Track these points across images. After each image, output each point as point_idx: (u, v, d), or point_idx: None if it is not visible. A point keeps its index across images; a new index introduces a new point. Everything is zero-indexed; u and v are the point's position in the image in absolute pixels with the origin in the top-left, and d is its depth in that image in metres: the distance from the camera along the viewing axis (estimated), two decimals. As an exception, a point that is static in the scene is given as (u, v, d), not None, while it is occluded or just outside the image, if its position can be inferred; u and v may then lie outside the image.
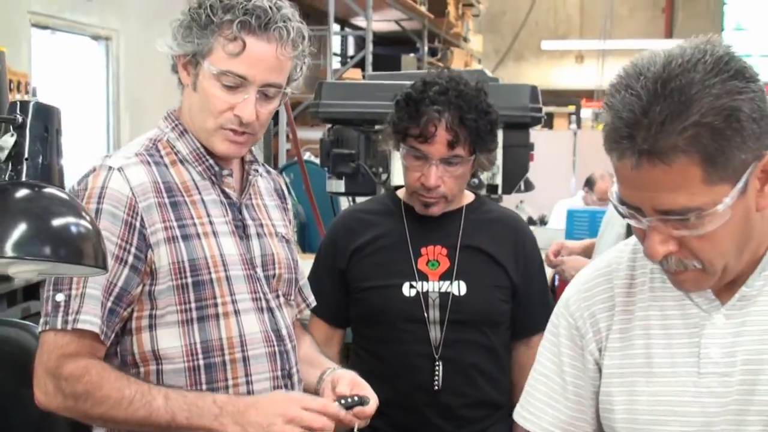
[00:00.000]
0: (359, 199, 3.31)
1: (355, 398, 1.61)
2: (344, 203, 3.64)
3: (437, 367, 2.06)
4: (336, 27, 9.99)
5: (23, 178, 0.95)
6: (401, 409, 2.08)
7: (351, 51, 12.16)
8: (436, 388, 2.06)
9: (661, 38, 16.28)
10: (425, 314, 2.07)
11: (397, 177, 2.89)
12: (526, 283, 2.17)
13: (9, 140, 1.00)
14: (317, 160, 4.56)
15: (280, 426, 1.47)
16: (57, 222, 0.89)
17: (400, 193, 2.24)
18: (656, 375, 1.28)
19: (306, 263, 2.01)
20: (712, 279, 1.19)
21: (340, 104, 2.95)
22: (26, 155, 0.95)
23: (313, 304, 1.94)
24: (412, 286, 2.09)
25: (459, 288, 2.09)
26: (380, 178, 2.94)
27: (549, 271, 2.88)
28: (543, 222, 6.78)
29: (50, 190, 0.92)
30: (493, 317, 2.14)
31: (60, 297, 1.51)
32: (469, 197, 2.21)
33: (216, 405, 1.50)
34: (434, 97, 2.01)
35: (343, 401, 1.59)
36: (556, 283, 4.12)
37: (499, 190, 2.87)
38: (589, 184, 6.54)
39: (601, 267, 1.39)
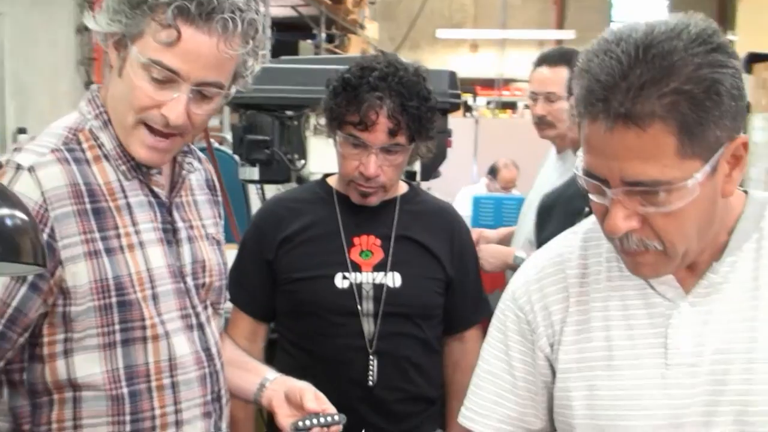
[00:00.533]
0: (269, 188, 3.23)
1: (331, 418, 1.52)
2: (252, 192, 3.54)
3: (371, 362, 2.00)
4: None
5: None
6: (333, 405, 2.01)
7: (247, 36, 11.90)
8: (371, 383, 2.00)
9: (553, 29, 16.64)
10: (358, 306, 2.00)
11: (314, 164, 2.81)
12: (461, 275, 2.12)
13: None
14: (221, 147, 4.44)
15: None
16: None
17: (331, 181, 2.15)
18: (618, 368, 1.24)
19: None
20: (671, 263, 1.16)
21: (252, 89, 2.84)
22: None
23: (229, 306, 1.83)
24: (345, 278, 2.02)
25: (394, 279, 2.03)
26: (296, 165, 2.85)
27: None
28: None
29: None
30: (428, 309, 2.08)
31: None
32: (403, 187, 2.15)
33: None
34: (374, 83, 1.93)
35: (315, 420, 1.50)
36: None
37: (418, 177, 2.82)
38: (493, 172, 6.60)
39: (552, 256, 1.34)
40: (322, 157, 2.77)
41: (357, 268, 2.03)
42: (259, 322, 2.11)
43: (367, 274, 2.03)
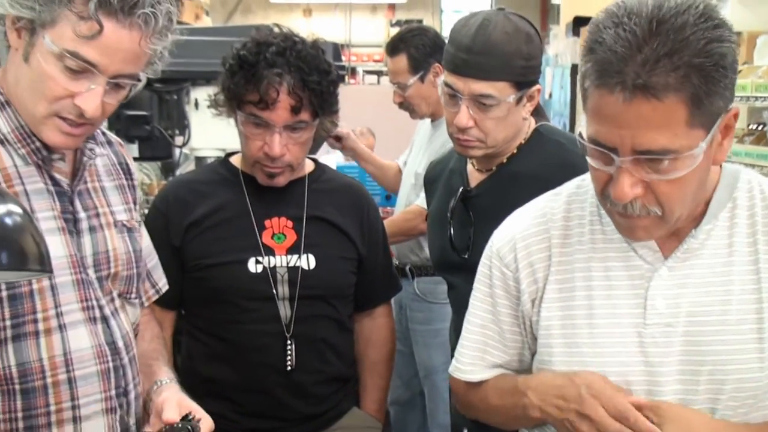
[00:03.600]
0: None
1: (187, 425, 1.41)
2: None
3: (289, 346, 1.97)
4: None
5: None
6: (250, 392, 1.98)
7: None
8: (290, 367, 1.97)
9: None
10: (274, 291, 1.96)
11: (197, 140, 2.74)
12: (372, 253, 2.12)
13: None
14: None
15: None
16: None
17: (235, 161, 2.08)
18: (598, 326, 1.31)
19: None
20: (665, 227, 1.24)
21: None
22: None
23: (165, 288, 1.75)
24: (258, 262, 1.96)
25: (308, 261, 1.99)
26: (175, 141, 2.76)
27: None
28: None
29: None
30: (343, 290, 2.08)
31: None
32: (309, 165, 2.11)
33: None
34: (272, 59, 1.86)
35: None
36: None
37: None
38: (349, 139, 6.59)
39: (536, 216, 1.41)
40: (204, 132, 2.70)
41: (270, 251, 1.98)
42: (166, 311, 2.01)
43: (281, 257, 1.98)
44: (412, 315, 3.30)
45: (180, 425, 1.41)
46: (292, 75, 1.87)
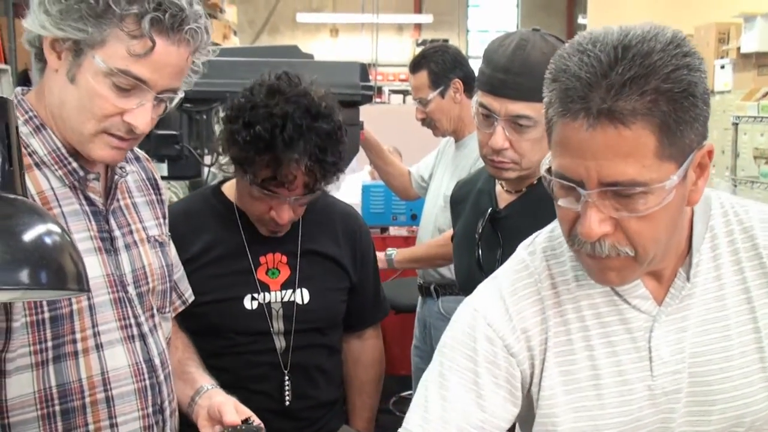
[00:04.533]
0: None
1: (251, 426, 1.47)
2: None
3: (286, 379, 1.98)
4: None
5: (-16, 190, 0.75)
6: None
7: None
8: (288, 401, 1.98)
9: (411, 13, 16.85)
10: (269, 325, 1.97)
11: (225, 159, 2.76)
12: (362, 278, 2.13)
13: None
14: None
15: None
16: (35, 242, 0.73)
17: (228, 193, 2.05)
18: (606, 386, 1.24)
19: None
20: (639, 269, 1.17)
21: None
22: (-15, 163, 0.76)
23: (191, 299, 1.78)
24: (254, 298, 1.97)
25: (302, 296, 2.00)
26: (204, 160, 2.79)
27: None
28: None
29: (22, 202, 0.75)
30: (336, 319, 2.09)
31: None
32: None
33: None
34: (289, 140, 1.78)
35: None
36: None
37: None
38: (376, 159, 6.60)
39: (523, 277, 1.29)
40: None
41: (266, 287, 1.99)
42: None
43: (276, 293, 1.99)
44: (436, 334, 3.30)
45: (243, 427, 1.45)
46: (310, 158, 1.82)
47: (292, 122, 1.79)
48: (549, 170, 1.14)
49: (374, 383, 2.25)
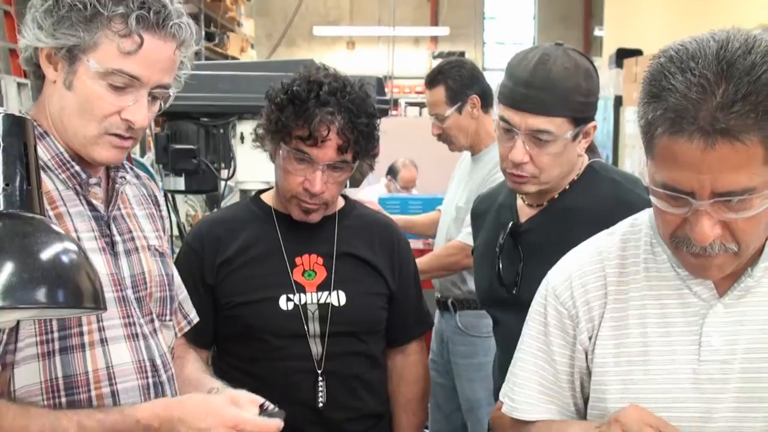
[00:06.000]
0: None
1: (274, 409, 1.49)
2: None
3: (320, 383, 1.96)
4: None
5: (2, 208, 0.75)
6: (283, 429, 1.97)
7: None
8: (321, 405, 1.96)
9: (428, 25, 16.88)
10: (305, 328, 1.96)
11: (242, 173, 2.76)
12: (403, 289, 2.11)
13: None
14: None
15: None
16: (52, 261, 0.72)
17: (267, 199, 2.09)
18: (653, 363, 1.31)
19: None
20: (737, 263, 1.24)
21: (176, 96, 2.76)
22: (4, 180, 0.76)
23: (196, 320, 1.77)
24: (289, 299, 1.96)
25: (339, 298, 1.99)
26: (221, 174, 2.79)
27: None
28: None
29: (40, 221, 0.75)
30: (374, 325, 2.07)
31: None
32: (340, 202, 2.11)
33: (141, 426, 1.35)
34: (324, 98, 1.88)
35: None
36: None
37: (347, 183, 2.81)
38: (392, 172, 6.60)
39: (593, 255, 1.40)
40: (249, 165, 2.73)
41: (301, 288, 1.98)
42: (200, 350, 1.98)
43: (312, 294, 1.98)
44: (454, 348, 3.28)
45: (276, 410, 1.49)
46: (342, 115, 1.89)
47: (328, 86, 1.90)
48: (654, 179, 1.19)
49: (419, 401, 2.20)
